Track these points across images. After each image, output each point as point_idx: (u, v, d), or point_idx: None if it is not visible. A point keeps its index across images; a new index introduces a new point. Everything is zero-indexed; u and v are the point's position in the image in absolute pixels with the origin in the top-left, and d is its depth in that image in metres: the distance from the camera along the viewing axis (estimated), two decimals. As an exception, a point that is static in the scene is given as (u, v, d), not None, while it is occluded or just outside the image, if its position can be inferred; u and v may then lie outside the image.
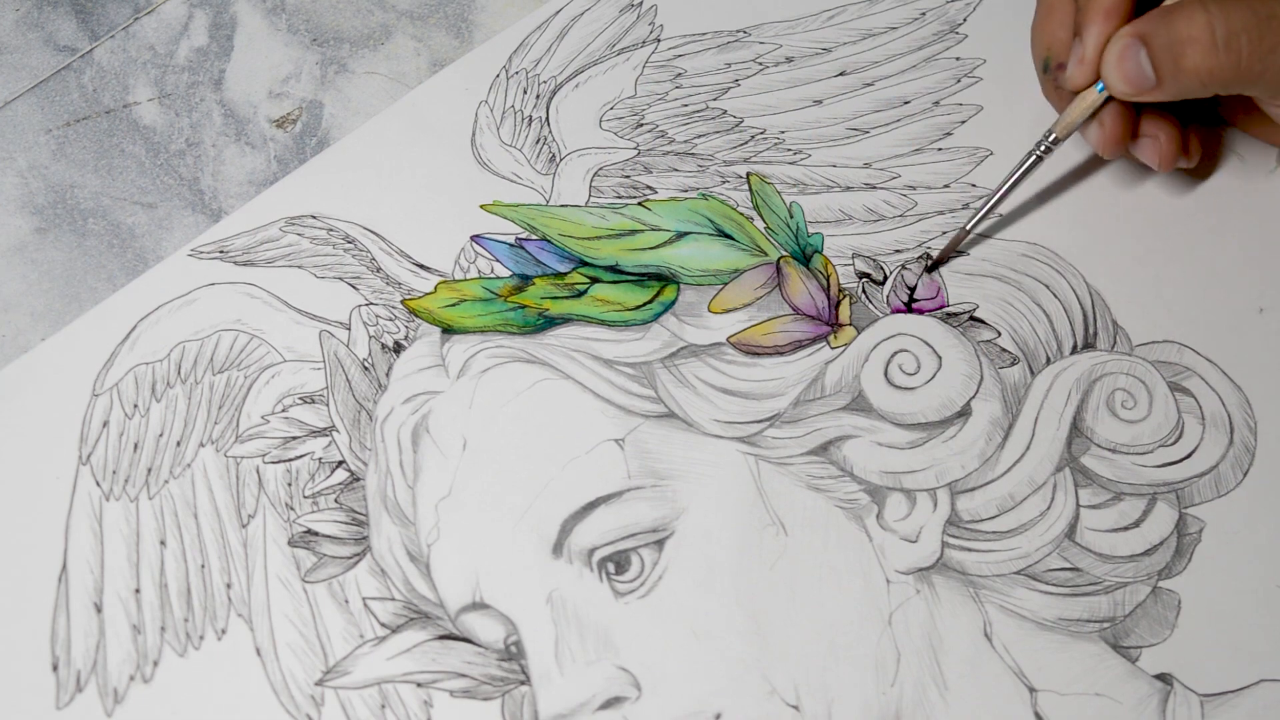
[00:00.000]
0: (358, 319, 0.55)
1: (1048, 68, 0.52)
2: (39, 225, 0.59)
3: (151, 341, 0.55)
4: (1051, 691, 0.47)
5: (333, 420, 0.53)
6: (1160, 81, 0.48)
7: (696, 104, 0.59)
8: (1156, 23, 0.48)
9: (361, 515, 0.51)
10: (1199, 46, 0.47)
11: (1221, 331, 0.53)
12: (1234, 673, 0.47)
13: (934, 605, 0.48)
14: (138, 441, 0.53)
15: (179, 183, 0.60)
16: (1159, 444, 0.51)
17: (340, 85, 0.62)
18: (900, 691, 0.47)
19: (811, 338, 0.53)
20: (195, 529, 0.52)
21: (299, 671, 0.49)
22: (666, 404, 0.52)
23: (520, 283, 0.55)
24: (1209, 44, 0.46)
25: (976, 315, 0.53)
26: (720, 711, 0.47)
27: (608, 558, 0.49)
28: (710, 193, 0.57)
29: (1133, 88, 0.48)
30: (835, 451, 0.51)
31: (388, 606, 0.50)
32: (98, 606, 0.51)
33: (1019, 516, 0.50)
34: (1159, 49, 0.47)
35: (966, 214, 0.55)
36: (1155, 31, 0.47)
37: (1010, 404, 0.51)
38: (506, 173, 0.58)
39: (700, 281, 0.55)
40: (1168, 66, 0.47)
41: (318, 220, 0.58)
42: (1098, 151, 0.52)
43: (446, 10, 0.64)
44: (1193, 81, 0.47)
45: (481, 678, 0.49)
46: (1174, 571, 0.49)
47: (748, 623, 0.48)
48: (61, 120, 0.62)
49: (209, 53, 0.63)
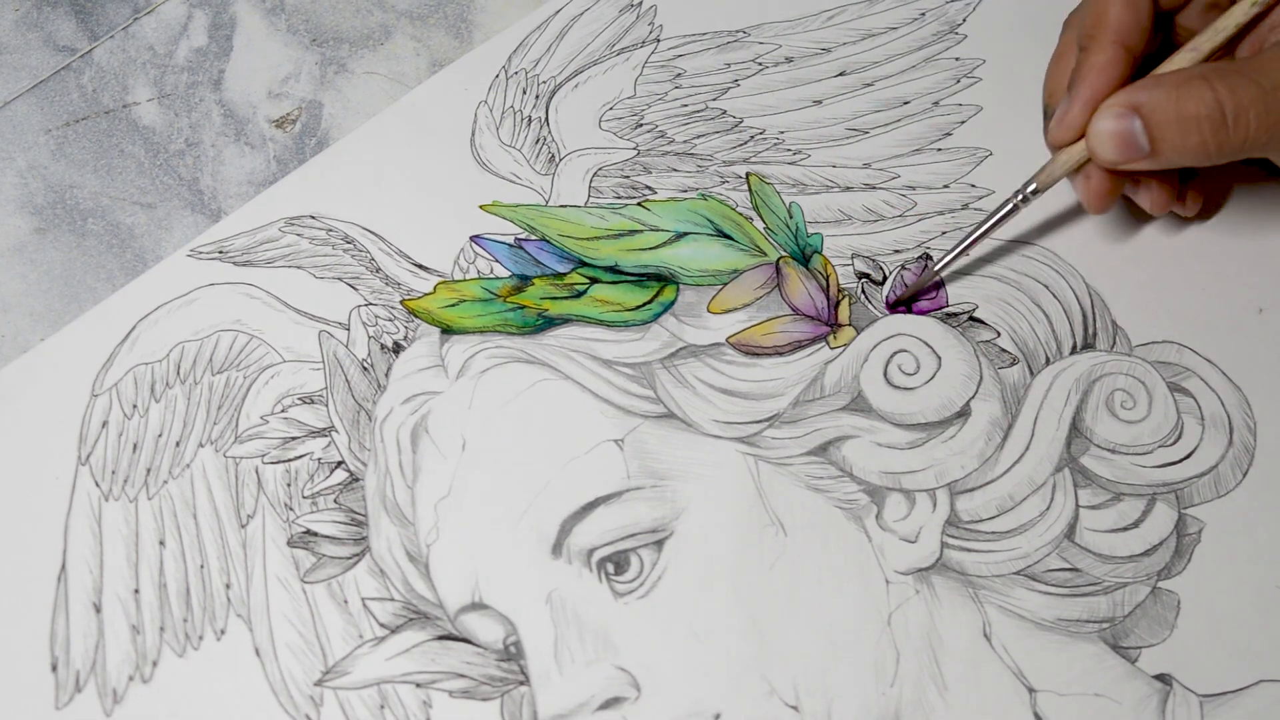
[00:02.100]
0: (357, 319, 0.55)
1: (1048, 114, 0.52)
2: (38, 225, 0.59)
3: (151, 342, 0.55)
4: (1051, 692, 0.47)
5: (332, 421, 0.53)
6: (1156, 153, 0.47)
7: (696, 104, 0.59)
8: (1155, 95, 0.46)
9: (361, 515, 0.51)
10: (1209, 125, 0.46)
11: (1221, 332, 0.53)
12: (1233, 673, 0.47)
13: (933, 605, 0.48)
14: (137, 442, 0.53)
15: (178, 183, 0.60)
16: (1158, 444, 0.51)
17: (340, 85, 0.62)
18: (899, 692, 0.47)
19: (811, 338, 0.53)
20: (194, 529, 0.52)
21: (298, 672, 0.49)
22: (666, 404, 0.52)
23: (519, 283, 0.55)
24: (1218, 121, 0.45)
25: (976, 315, 0.53)
26: (719, 712, 0.47)
27: (607, 558, 0.49)
28: (710, 193, 0.57)
29: (1122, 156, 0.47)
30: (835, 452, 0.51)
31: (387, 607, 0.50)
32: (97, 607, 0.51)
33: (1018, 517, 0.50)
34: (1161, 124, 0.46)
35: (972, 219, 0.55)
36: (1156, 106, 0.46)
37: (1010, 404, 0.51)
38: (506, 173, 0.58)
39: (700, 282, 0.55)
40: (1171, 141, 0.46)
41: (317, 220, 0.58)
42: (1084, 205, 0.51)
43: (446, 10, 0.64)
44: (1196, 156, 0.47)
45: (480, 678, 0.49)
46: (1173, 572, 0.49)
47: (747, 623, 0.48)
48: (61, 120, 0.62)
49: (208, 53, 0.63)
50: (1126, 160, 0.47)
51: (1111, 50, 0.48)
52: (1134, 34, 0.49)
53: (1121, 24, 0.49)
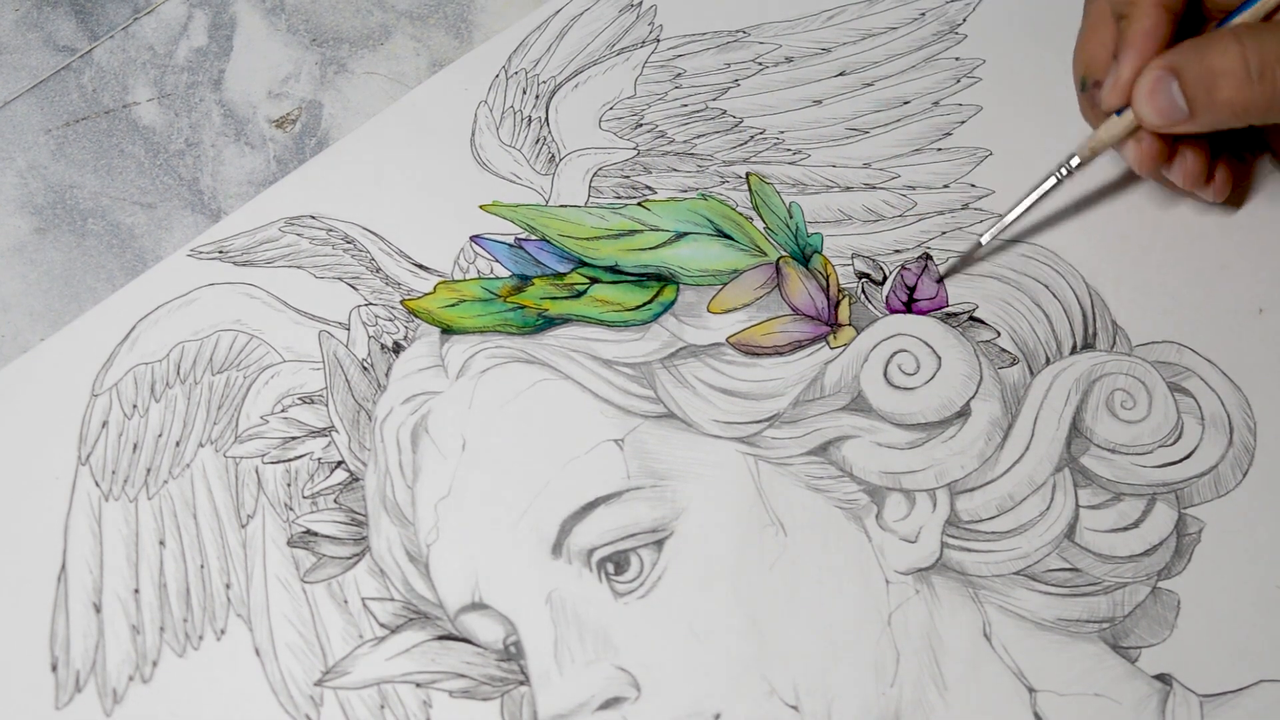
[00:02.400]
0: (357, 319, 0.55)
1: (1085, 86, 0.52)
2: (38, 225, 0.59)
3: (151, 341, 0.55)
4: (1051, 692, 0.47)
5: (332, 420, 0.53)
6: (1194, 113, 0.47)
7: (696, 104, 0.59)
8: (1189, 55, 0.47)
9: (361, 515, 0.51)
10: (1233, 79, 0.46)
11: (1221, 331, 0.53)
12: (1233, 673, 0.47)
13: (933, 605, 0.48)
14: (137, 442, 0.53)
15: (178, 183, 0.60)
16: (1158, 444, 0.51)
17: (340, 85, 0.62)
18: (899, 692, 0.47)
19: (811, 338, 0.53)
20: (194, 529, 0.52)
21: (298, 672, 0.49)
22: (666, 404, 0.52)
23: (519, 283, 0.55)
24: (1243, 76, 0.46)
25: (976, 315, 0.53)
26: (719, 712, 0.47)
27: (607, 558, 0.49)
28: (710, 193, 0.57)
29: (1164, 119, 0.48)
30: (835, 452, 0.51)
31: (387, 607, 0.50)
32: (97, 607, 0.51)
33: (1018, 517, 0.50)
34: (1192, 81, 0.47)
35: (972, 219, 0.55)
36: (1187, 64, 0.47)
37: (1010, 404, 0.51)
38: (506, 173, 0.58)
39: (699, 282, 0.55)
40: (1201, 99, 0.47)
41: (317, 220, 0.58)
42: (1133, 168, 0.51)
43: (446, 10, 0.64)
44: (1226, 114, 0.47)
45: (481, 678, 0.49)
46: (1173, 572, 0.49)
47: (747, 623, 0.48)
48: (61, 120, 0.62)
49: (208, 53, 0.63)
50: (1169, 123, 0.48)
51: (1155, 13, 0.49)
52: None
53: None
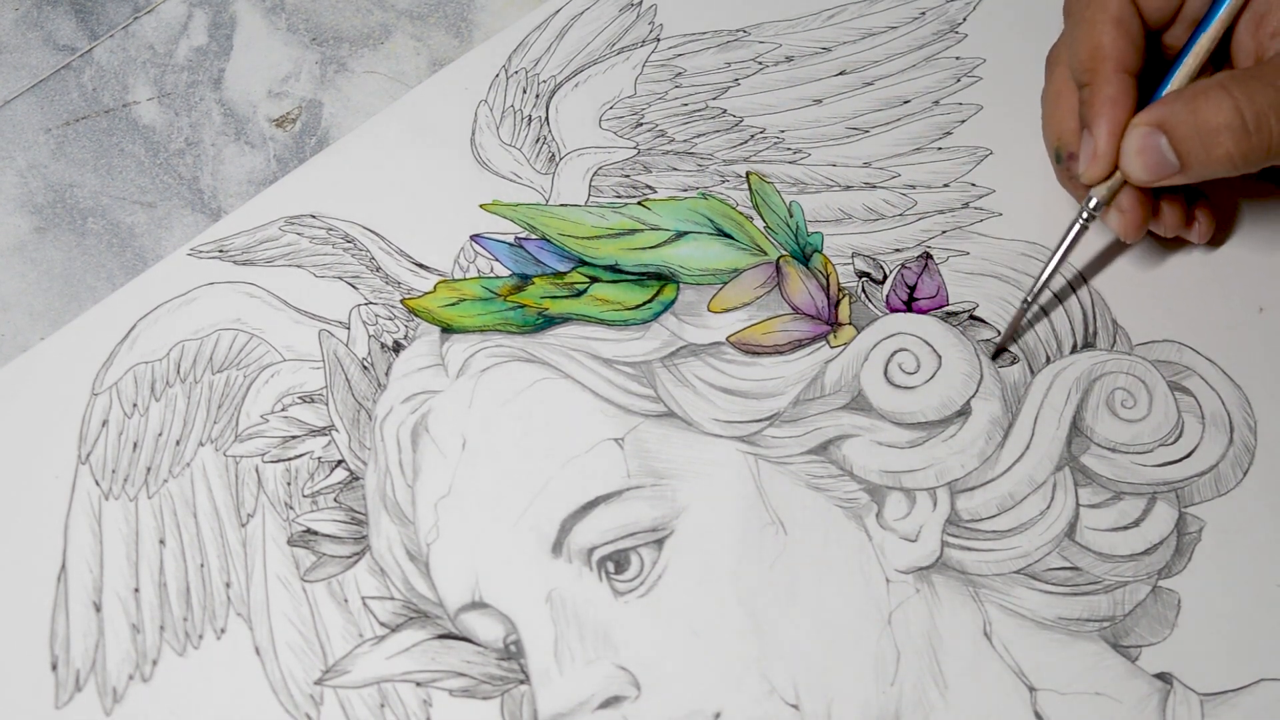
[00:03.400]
0: (357, 318, 0.55)
1: (1060, 158, 0.52)
2: (38, 225, 0.59)
3: (151, 341, 0.55)
4: (1051, 691, 0.47)
5: (332, 419, 0.53)
6: (1185, 167, 0.47)
7: (696, 103, 0.59)
8: (1177, 110, 0.46)
9: (361, 514, 0.51)
10: (1231, 133, 0.46)
11: (1221, 331, 0.53)
12: (1234, 672, 0.47)
13: (934, 604, 0.48)
14: (137, 441, 0.53)
15: (178, 182, 0.60)
16: (1159, 443, 0.51)
17: (340, 85, 0.62)
18: (900, 691, 0.47)
19: (811, 337, 0.53)
20: (194, 528, 0.52)
21: (298, 671, 0.49)
22: (666, 403, 0.52)
23: (520, 282, 0.55)
24: (1240, 129, 0.45)
25: (976, 314, 0.53)
26: (720, 710, 0.47)
27: (607, 557, 0.49)
28: (710, 192, 0.57)
29: (1154, 175, 0.47)
30: (835, 451, 0.51)
31: (387, 606, 0.50)
32: (97, 606, 0.51)
33: (1019, 516, 0.50)
34: (1184, 137, 0.46)
35: (972, 218, 0.55)
36: (1178, 119, 0.46)
37: (1010, 403, 0.51)
38: (506, 172, 0.58)
39: (700, 281, 0.55)
40: (1196, 154, 0.46)
41: (317, 219, 0.58)
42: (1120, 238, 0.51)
43: (446, 10, 0.64)
44: (1225, 166, 0.47)
45: (481, 677, 0.49)
46: (1174, 571, 0.49)
47: (747, 622, 0.48)
48: (61, 120, 0.62)
49: (208, 52, 0.63)
50: (1159, 178, 0.47)
51: (1118, 80, 0.48)
52: (1132, 58, 0.49)
53: (1119, 52, 0.49)
